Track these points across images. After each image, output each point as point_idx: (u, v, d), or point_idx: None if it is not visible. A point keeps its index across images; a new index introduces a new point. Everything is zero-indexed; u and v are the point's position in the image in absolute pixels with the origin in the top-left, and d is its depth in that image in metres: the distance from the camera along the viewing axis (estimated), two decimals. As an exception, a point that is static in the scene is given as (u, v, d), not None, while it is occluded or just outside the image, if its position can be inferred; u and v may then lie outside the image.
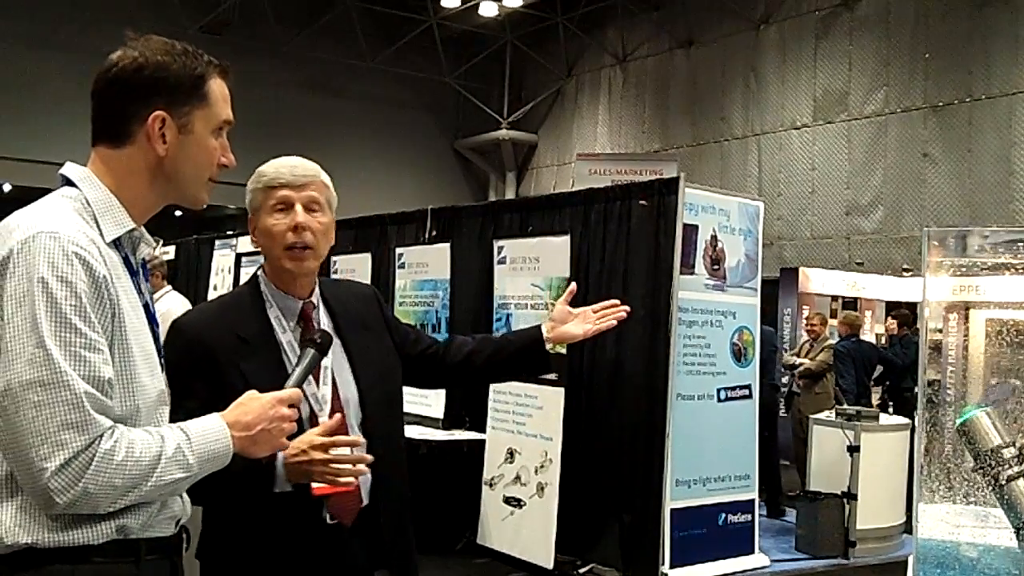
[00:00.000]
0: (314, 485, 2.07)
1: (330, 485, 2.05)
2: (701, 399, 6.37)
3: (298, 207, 2.19)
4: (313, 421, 2.14)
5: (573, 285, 2.57)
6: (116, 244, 1.68)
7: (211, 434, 1.69)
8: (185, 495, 1.77)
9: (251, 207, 2.25)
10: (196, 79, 1.73)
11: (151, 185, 1.73)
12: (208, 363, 2.09)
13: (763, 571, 6.53)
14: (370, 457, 2.09)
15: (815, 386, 9.01)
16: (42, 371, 1.50)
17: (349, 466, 2.03)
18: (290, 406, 1.82)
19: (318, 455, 2.01)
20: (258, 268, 2.31)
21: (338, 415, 2.10)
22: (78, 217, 1.64)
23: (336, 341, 2.23)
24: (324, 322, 2.26)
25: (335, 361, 2.22)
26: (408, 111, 19.06)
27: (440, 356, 2.49)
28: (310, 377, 2.11)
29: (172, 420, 1.79)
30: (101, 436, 1.53)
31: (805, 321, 10.16)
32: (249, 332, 2.17)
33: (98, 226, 1.66)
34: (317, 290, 2.29)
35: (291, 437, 1.88)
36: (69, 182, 1.70)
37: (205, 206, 1.84)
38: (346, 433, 2.12)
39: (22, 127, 14.95)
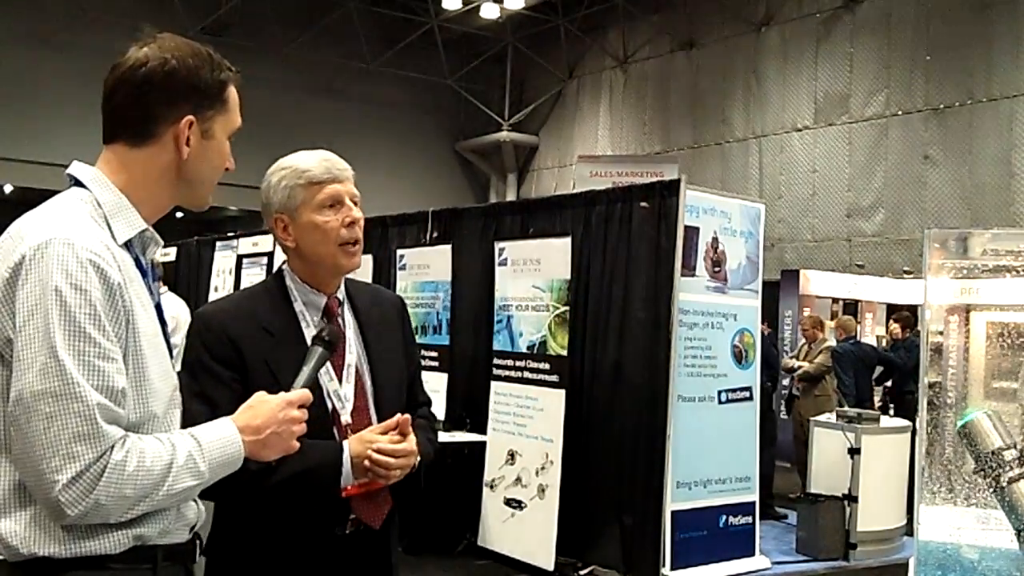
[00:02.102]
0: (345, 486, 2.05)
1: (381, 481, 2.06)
2: (702, 401, 6.37)
3: (348, 202, 2.14)
4: (335, 418, 2.11)
5: None
6: (127, 245, 1.66)
7: (222, 440, 1.66)
8: (199, 500, 1.75)
9: (287, 203, 2.13)
10: (221, 85, 1.73)
11: (165, 186, 1.71)
12: (236, 354, 2.04)
13: (764, 573, 6.53)
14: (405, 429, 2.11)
15: (815, 388, 9.00)
16: (54, 382, 1.47)
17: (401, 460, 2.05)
18: (300, 407, 1.79)
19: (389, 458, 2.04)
20: (282, 263, 2.24)
21: (405, 416, 2.08)
22: (90, 220, 1.61)
23: (359, 340, 2.20)
24: (349, 321, 2.21)
25: (358, 359, 2.19)
26: (409, 113, 19.07)
27: None
28: (331, 373, 2.09)
29: (199, 410, 1.80)
30: (112, 447, 1.51)
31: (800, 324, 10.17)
32: (275, 325, 2.11)
33: (109, 228, 1.63)
34: (342, 287, 2.23)
35: (311, 435, 1.85)
36: (78, 182, 1.67)
37: (207, 208, 1.83)
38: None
39: (22, 128, 14.94)
